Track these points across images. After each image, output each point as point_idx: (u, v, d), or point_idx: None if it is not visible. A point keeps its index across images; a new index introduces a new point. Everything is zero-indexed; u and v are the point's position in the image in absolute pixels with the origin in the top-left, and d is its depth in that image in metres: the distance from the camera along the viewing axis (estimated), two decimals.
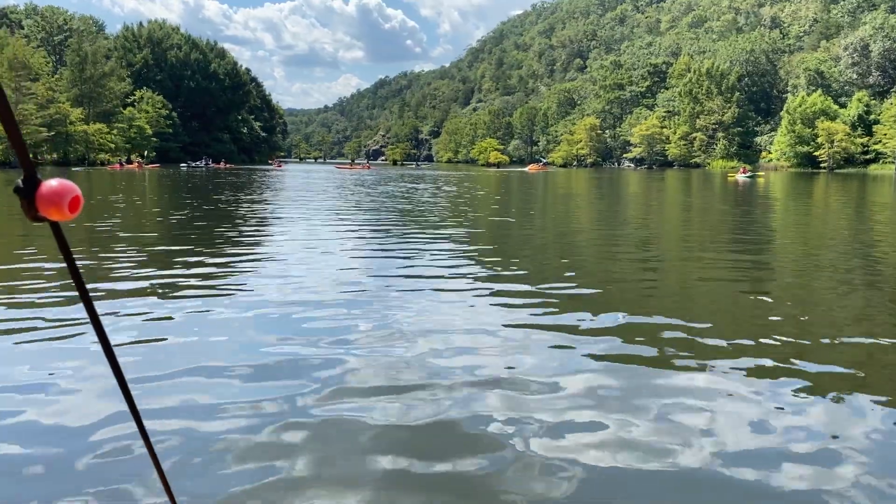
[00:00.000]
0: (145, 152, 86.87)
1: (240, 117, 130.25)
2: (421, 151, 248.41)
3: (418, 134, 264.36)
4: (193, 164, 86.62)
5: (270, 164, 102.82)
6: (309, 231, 15.05)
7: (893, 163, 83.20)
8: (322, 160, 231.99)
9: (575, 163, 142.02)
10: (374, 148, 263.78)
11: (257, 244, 12.98)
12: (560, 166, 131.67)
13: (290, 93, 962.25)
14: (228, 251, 11.85)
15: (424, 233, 14.91)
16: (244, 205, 23.12)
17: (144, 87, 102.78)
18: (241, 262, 10.46)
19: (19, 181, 0.86)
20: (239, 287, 8.35)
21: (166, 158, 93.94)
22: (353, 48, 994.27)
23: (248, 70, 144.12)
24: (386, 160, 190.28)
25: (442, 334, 6.12)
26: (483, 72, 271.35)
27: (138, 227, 16.12)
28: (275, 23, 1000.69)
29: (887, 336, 6.28)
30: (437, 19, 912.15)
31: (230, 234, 14.72)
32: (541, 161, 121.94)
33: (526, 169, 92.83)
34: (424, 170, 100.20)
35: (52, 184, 0.89)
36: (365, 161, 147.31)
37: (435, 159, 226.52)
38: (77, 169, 63.45)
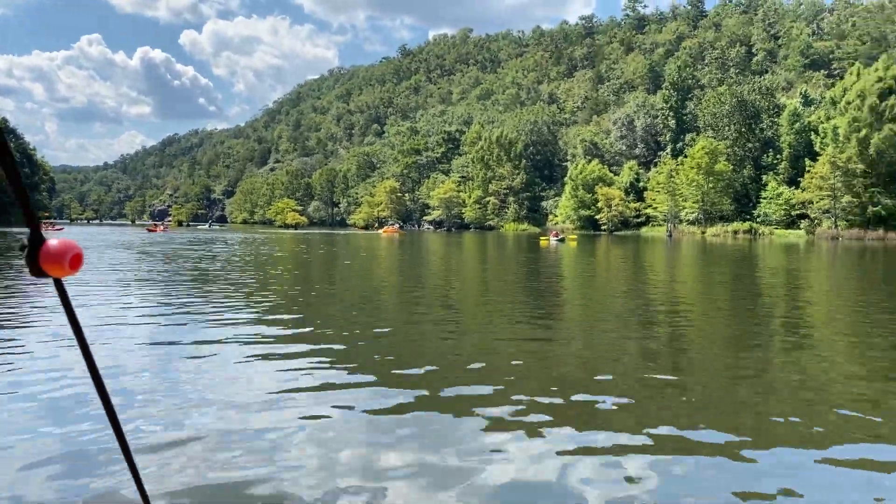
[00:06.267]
0: None
1: None
2: (213, 212, 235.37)
3: (210, 193, 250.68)
4: None
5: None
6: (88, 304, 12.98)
7: (662, 225, 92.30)
8: (97, 221, 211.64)
9: (377, 225, 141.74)
10: (160, 208, 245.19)
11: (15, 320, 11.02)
12: (362, 228, 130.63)
13: (64, 148, 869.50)
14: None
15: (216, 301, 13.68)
16: None
17: None
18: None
19: (25, 239, 0.90)
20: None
21: None
22: (138, 103, 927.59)
23: (4, 119, 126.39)
24: (171, 221, 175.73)
25: (234, 401, 6.06)
26: (280, 132, 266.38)
27: None
28: (46, 72, 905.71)
29: (664, 373, 7.62)
30: (232, 79, 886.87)
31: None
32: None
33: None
34: (217, 232, 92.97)
35: (54, 243, 0.92)
36: (160, 223, 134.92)
37: (229, 220, 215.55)
38: None
